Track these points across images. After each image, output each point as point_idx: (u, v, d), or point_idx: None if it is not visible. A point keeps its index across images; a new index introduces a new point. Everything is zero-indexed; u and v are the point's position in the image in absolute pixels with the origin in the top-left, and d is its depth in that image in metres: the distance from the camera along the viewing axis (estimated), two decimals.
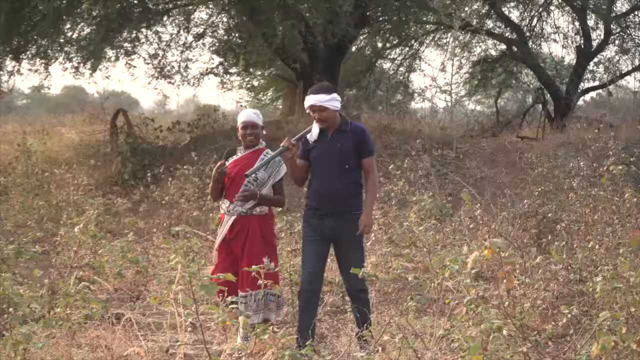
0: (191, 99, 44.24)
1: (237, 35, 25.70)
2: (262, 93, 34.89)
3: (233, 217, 8.11)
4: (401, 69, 31.93)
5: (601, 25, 28.41)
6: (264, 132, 8.45)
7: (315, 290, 7.84)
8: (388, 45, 31.08)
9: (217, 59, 27.47)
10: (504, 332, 5.64)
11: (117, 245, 11.44)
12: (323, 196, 7.87)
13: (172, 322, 7.76)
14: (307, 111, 7.99)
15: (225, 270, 7.51)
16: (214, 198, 8.48)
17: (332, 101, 7.85)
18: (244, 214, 8.10)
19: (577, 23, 28.98)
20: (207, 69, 27.47)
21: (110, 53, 24.60)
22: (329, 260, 8.33)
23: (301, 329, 7.74)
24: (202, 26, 26.27)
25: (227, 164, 8.28)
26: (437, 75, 64.91)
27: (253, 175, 7.96)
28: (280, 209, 9.60)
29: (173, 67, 25.96)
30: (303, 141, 8.02)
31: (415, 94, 32.86)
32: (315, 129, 7.96)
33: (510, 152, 19.55)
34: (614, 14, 28.19)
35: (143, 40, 25.21)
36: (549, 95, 27.92)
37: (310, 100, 7.88)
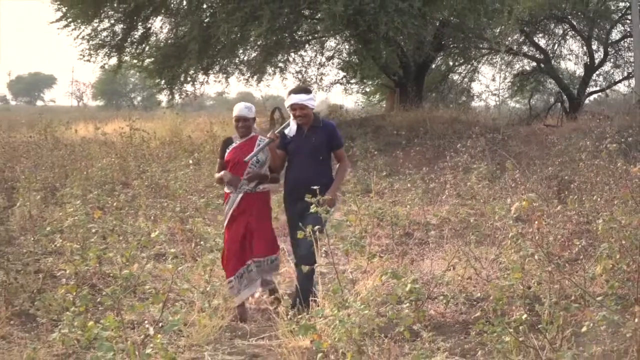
0: (324, 100, 44.24)
1: (355, 57, 25.81)
2: (372, 96, 34.76)
3: (240, 195, 6.70)
4: (465, 79, 31.83)
5: (601, 49, 28.57)
6: (256, 120, 7.00)
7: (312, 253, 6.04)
8: (456, 63, 30.79)
9: (341, 74, 28.04)
10: (536, 257, 5.53)
11: (274, 198, 11.50)
12: (299, 182, 6.52)
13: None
14: (288, 109, 6.74)
15: (240, 240, 6.68)
16: (220, 182, 7.06)
17: (310, 100, 6.63)
18: (249, 192, 6.69)
19: (584, 47, 28.89)
20: (335, 80, 28.22)
21: (269, 70, 25.01)
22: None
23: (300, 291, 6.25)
24: (332, 51, 26.49)
25: (228, 151, 6.84)
26: (489, 84, 63.55)
27: (255, 158, 6.58)
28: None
29: (312, 79, 26.25)
30: (282, 135, 6.69)
31: (475, 97, 32.62)
32: (293, 125, 6.68)
33: (539, 135, 19.11)
34: (610, 41, 28.52)
35: (291, 61, 25.59)
36: (565, 97, 27.67)
37: (292, 99, 6.60)
